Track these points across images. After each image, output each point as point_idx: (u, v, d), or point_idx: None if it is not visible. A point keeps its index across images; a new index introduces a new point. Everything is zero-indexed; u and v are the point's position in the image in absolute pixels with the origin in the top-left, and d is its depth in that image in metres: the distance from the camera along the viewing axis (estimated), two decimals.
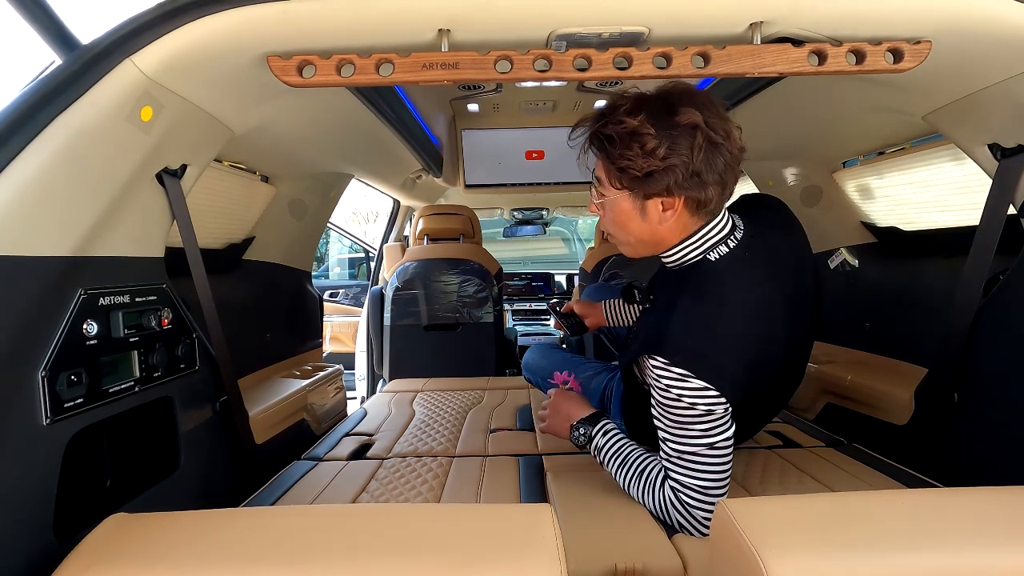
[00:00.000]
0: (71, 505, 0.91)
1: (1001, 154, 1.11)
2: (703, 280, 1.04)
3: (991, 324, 1.20)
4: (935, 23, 0.93)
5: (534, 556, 0.66)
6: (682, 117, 0.95)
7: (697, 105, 0.96)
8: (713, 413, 0.99)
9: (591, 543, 0.99)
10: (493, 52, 0.95)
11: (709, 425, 0.99)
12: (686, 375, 0.97)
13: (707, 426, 0.99)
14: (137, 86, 0.89)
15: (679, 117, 0.95)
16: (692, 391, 0.97)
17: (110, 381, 0.96)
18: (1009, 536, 0.67)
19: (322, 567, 0.63)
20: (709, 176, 0.98)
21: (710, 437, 1.00)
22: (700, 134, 0.95)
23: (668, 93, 0.99)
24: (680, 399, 0.99)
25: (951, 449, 1.30)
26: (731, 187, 1.03)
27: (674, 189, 0.99)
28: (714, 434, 1.00)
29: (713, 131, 0.96)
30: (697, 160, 0.96)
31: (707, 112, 0.96)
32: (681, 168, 0.97)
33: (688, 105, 0.96)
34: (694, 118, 0.95)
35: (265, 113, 1.29)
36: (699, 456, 1.01)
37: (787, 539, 0.66)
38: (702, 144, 0.95)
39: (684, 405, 0.99)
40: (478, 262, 2.85)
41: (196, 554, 0.68)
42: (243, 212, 1.76)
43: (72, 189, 0.85)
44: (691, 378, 0.97)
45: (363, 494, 1.29)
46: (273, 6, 0.88)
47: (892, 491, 0.84)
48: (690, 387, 0.97)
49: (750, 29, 0.96)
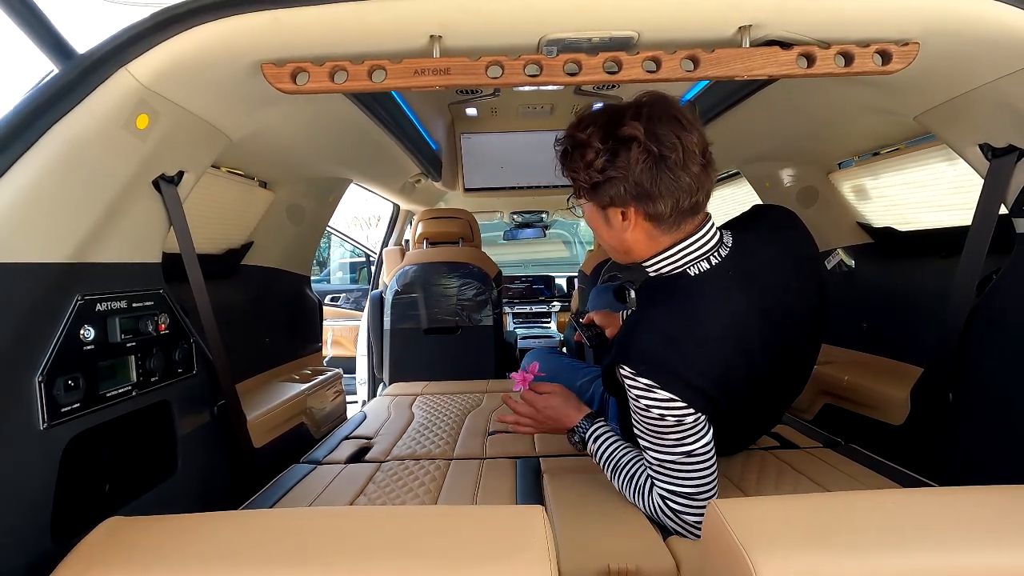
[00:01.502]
0: (69, 509, 0.91)
1: (992, 154, 1.12)
2: (678, 293, 1.03)
3: (985, 324, 1.20)
4: (922, 25, 0.94)
5: (524, 557, 0.67)
6: (623, 130, 0.95)
7: (650, 118, 0.95)
8: (683, 423, 0.98)
9: (585, 544, 0.99)
10: (484, 57, 0.96)
11: (682, 434, 0.99)
12: (652, 386, 0.96)
13: (680, 435, 0.99)
14: (132, 94, 0.90)
15: (620, 130, 0.96)
16: (660, 402, 0.97)
17: (107, 386, 0.97)
18: (998, 535, 0.67)
19: (312, 568, 0.63)
20: (655, 189, 0.97)
21: (686, 445, 0.99)
22: (637, 147, 0.95)
23: (625, 106, 0.99)
24: (649, 409, 0.98)
25: (947, 449, 1.30)
26: (689, 201, 0.99)
27: (619, 200, 1.00)
28: (689, 442, 0.99)
29: (658, 145, 0.95)
30: (637, 173, 0.96)
31: (659, 125, 0.95)
32: (622, 181, 0.97)
33: (635, 118, 0.95)
34: (633, 131, 0.95)
35: (262, 119, 1.30)
36: (678, 464, 1.00)
37: (776, 539, 0.67)
38: (639, 158, 0.95)
39: (654, 416, 0.98)
40: (477, 265, 2.86)
41: (191, 556, 0.69)
42: (241, 217, 1.77)
43: (69, 197, 0.87)
44: (657, 389, 0.96)
45: (360, 497, 1.29)
46: (266, 14, 0.89)
47: (882, 491, 0.84)
48: (657, 398, 0.97)
49: (739, 32, 0.97)
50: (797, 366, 1.20)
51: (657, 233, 1.04)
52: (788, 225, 1.18)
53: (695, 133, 0.97)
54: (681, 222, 1.02)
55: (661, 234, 1.04)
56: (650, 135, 0.95)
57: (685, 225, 1.03)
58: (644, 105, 0.98)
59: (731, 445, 1.35)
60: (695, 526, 1.00)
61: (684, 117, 0.98)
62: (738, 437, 1.33)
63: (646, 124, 0.95)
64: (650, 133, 0.95)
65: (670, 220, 1.01)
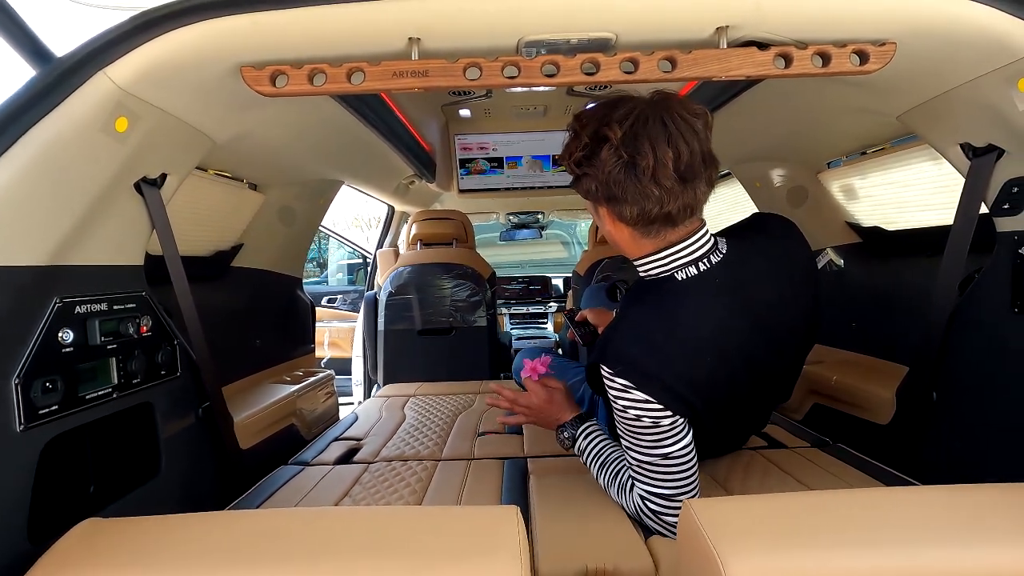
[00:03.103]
0: (47, 510, 0.92)
1: (972, 153, 1.12)
2: (663, 296, 1.01)
3: (967, 323, 1.20)
4: (899, 25, 0.94)
5: (496, 557, 0.67)
6: (603, 129, 0.94)
7: (636, 120, 0.92)
8: (659, 425, 0.98)
9: (565, 544, 0.99)
10: (462, 59, 0.96)
11: (659, 436, 0.98)
12: (628, 386, 0.96)
13: (657, 437, 0.99)
14: (110, 98, 0.90)
15: (602, 128, 0.94)
16: (636, 403, 0.97)
17: (87, 388, 0.97)
18: (970, 533, 0.67)
19: (279, 569, 0.64)
20: (620, 193, 0.95)
21: (663, 447, 0.99)
22: (609, 149, 0.93)
23: (627, 102, 0.96)
24: (626, 410, 0.98)
25: (931, 448, 1.30)
26: (659, 211, 0.95)
27: (592, 197, 1.00)
28: (666, 444, 0.99)
29: (631, 151, 0.92)
30: (607, 174, 0.94)
31: (642, 129, 0.92)
32: (593, 179, 0.97)
33: (621, 119, 0.93)
34: (609, 133, 0.93)
35: (247, 122, 1.30)
36: (657, 465, 1.00)
37: (747, 538, 0.67)
38: (610, 160, 0.93)
39: (631, 416, 0.98)
40: (471, 266, 2.86)
41: (165, 557, 0.69)
42: (231, 220, 1.78)
43: (46, 199, 0.87)
44: (633, 390, 0.96)
45: (345, 498, 1.30)
46: (245, 17, 0.89)
47: (857, 490, 0.84)
48: (634, 399, 0.97)
49: (716, 33, 0.97)
50: (781, 376, 1.19)
51: (638, 236, 1.02)
52: (784, 235, 1.14)
53: (682, 146, 0.92)
54: (660, 230, 0.99)
55: (641, 237, 1.02)
56: (626, 139, 0.92)
57: (666, 234, 1.00)
58: (642, 104, 0.95)
59: (715, 448, 1.35)
60: (674, 526, 1.00)
61: (676, 127, 0.93)
62: (721, 441, 1.33)
63: (629, 127, 0.93)
64: (627, 137, 0.92)
65: (642, 226, 0.99)
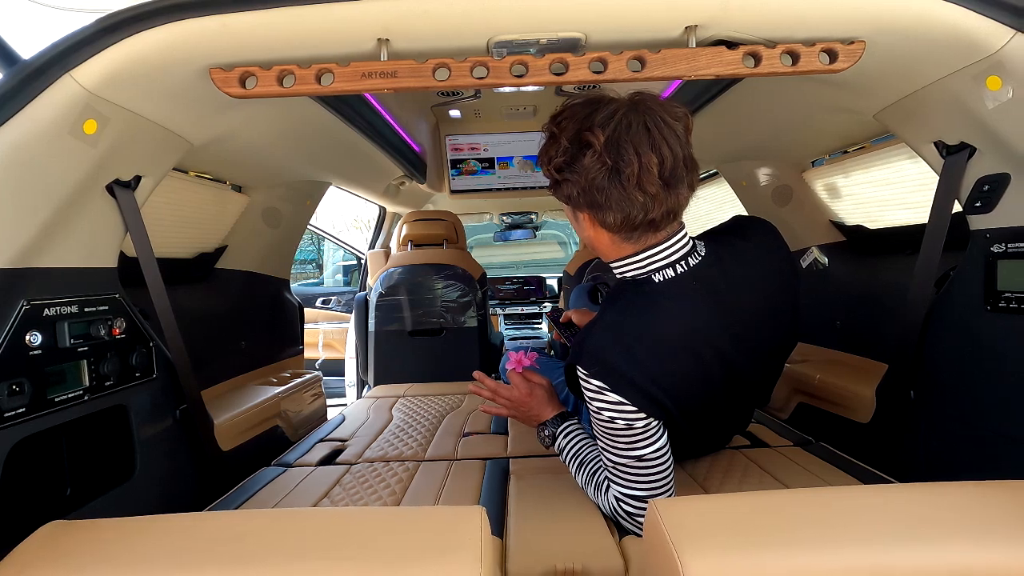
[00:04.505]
0: (15, 513, 0.91)
1: (946, 151, 1.12)
2: (638, 297, 1.01)
3: (942, 321, 1.20)
4: (867, 23, 0.94)
5: (456, 558, 0.67)
6: (585, 135, 0.92)
7: (619, 124, 0.91)
8: (633, 427, 0.97)
9: (537, 544, 0.99)
10: (431, 60, 0.96)
11: (633, 438, 0.98)
12: (603, 388, 0.96)
13: (631, 439, 0.98)
14: (77, 100, 0.90)
15: (584, 134, 0.92)
16: (610, 404, 0.97)
17: (57, 390, 0.97)
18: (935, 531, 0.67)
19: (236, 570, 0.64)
20: (604, 200, 0.94)
21: (637, 449, 0.99)
22: (593, 156, 0.91)
23: (607, 103, 0.94)
24: (601, 412, 0.98)
25: (909, 446, 1.30)
26: (643, 217, 0.94)
27: (573, 202, 0.99)
28: (640, 447, 0.98)
29: (615, 158, 0.90)
30: (589, 180, 0.93)
31: (626, 134, 0.90)
32: (575, 185, 0.95)
33: (604, 123, 0.91)
34: (592, 139, 0.91)
35: (226, 124, 1.30)
36: (631, 467, 1.00)
37: (707, 537, 0.67)
38: (594, 166, 0.92)
39: (606, 418, 0.98)
40: (462, 267, 2.86)
41: (125, 559, 0.69)
42: (214, 221, 1.78)
43: (10, 201, 0.87)
44: (607, 391, 0.96)
45: (324, 500, 1.30)
46: (213, 19, 0.89)
47: (827, 488, 0.84)
48: (608, 400, 0.96)
49: (685, 33, 0.97)
50: (758, 379, 1.18)
51: (619, 240, 1.01)
52: (763, 240, 1.12)
53: (665, 151, 0.91)
54: (642, 235, 0.99)
55: (623, 241, 1.01)
56: (610, 145, 0.90)
57: (647, 238, 0.99)
58: (624, 107, 0.93)
59: (695, 449, 1.35)
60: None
61: (660, 132, 0.91)
62: (700, 442, 1.33)
63: (612, 131, 0.91)
64: (611, 143, 0.90)
65: (625, 232, 0.98)
